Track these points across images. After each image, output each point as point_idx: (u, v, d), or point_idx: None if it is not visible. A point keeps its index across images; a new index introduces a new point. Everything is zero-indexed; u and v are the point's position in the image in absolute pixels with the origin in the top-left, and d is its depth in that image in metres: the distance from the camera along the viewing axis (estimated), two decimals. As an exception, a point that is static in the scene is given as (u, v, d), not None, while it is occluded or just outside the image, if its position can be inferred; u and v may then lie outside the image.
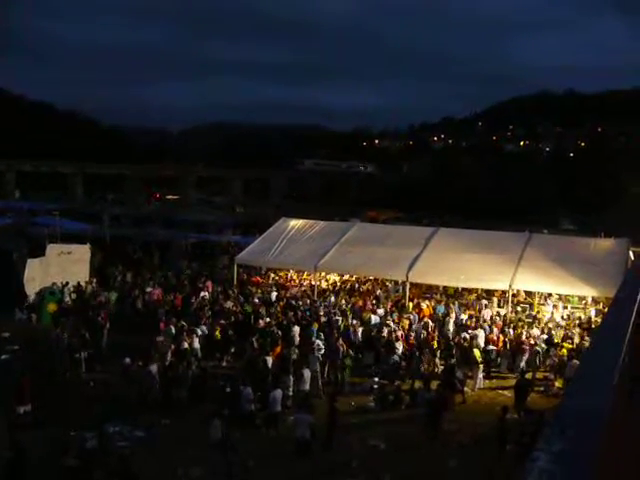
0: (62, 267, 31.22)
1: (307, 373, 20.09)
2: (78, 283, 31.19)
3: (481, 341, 24.30)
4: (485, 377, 22.92)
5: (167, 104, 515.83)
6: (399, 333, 24.34)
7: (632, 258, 26.89)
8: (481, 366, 22.52)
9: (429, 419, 17.76)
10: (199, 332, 23.97)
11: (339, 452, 16.60)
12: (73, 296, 30.08)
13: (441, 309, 28.97)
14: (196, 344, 23.11)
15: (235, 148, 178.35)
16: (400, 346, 23.30)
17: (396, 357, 22.76)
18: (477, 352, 22.87)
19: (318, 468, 15.66)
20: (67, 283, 30.46)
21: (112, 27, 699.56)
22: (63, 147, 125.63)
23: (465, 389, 21.19)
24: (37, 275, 30.14)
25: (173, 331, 24.18)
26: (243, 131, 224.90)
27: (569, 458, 2.16)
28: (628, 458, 4.12)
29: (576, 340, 24.13)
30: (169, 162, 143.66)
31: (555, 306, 30.16)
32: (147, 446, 16.45)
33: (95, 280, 32.98)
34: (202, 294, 30.66)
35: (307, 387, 19.94)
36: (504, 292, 29.06)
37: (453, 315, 27.75)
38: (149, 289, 31.39)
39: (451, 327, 26.41)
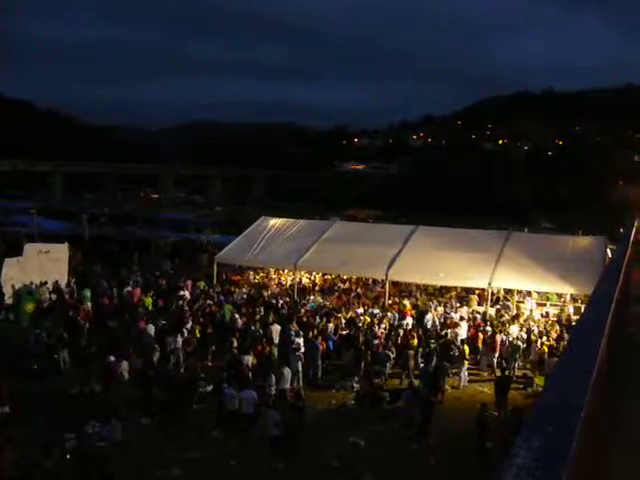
0: (40, 266, 30.95)
1: (287, 372, 20.06)
2: (57, 282, 30.95)
3: (461, 338, 24.42)
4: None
5: (147, 103, 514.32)
6: (379, 331, 24.38)
7: (610, 256, 27.09)
8: (466, 363, 22.63)
9: (421, 420, 17.76)
10: (179, 332, 23.81)
11: (318, 451, 16.57)
12: (52, 296, 29.84)
13: (422, 307, 29.04)
14: (178, 344, 23.00)
15: (215, 147, 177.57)
16: (383, 343, 23.34)
17: (378, 354, 22.80)
18: (466, 348, 22.99)
19: (298, 467, 15.63)
20: (46, 282, 30.22)
21: (91, 25, 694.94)
22: (41, 145, 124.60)
23: (446, 387, 21.23)
24: (15, 275, 29.88)
25: (153, 331, 24.08)
26: (223, 129, 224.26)
27: (548, 455, 2.15)
28: (606, 454, 4.14)
29: (554, 337, 24.31)
30: (149, 161, 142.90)
31: (534, 303, 30.40)
32: (126, 446, 16.35)
33: (74, 279, 32.75)
34: (182, 293, 30.55)
35: (287, 386, 19.90)
36: (483, 290, 29.21)
37: (433, 313, 27.86)
38: (129, 288, 31.22)
39: (430, 325, 26.49)
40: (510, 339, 23.98)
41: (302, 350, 22.07)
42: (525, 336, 24.61)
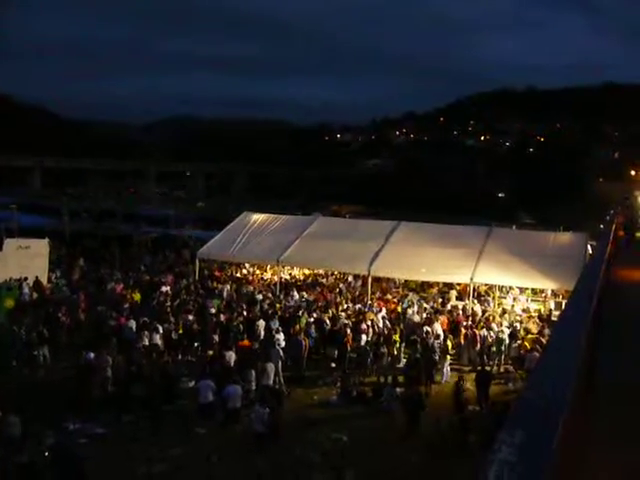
0: (20, 262, 30.64)
1: (270, 367, 20.03)
2: (37, 278, 30.69)
3: (441, 333, 24.48)
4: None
5: (129, 98, 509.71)
6: (363, 326, 24.39)
7: (590, 251, 27.28)
8: (448, 357, 22.69)
9: (408, 418, 17.78)
10: (160, 328, 23.67)
11: (301, 446, 16.56)
12: (32, 292, 29.59)
13: (406, 303, 29.08)
14: (158, 340, 22.91)
15: (197, 142, 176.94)
16: (364, 338, 23.36)
17: (361, 350, 22.82)
18: (449, 343, 23.06)
19: (280, 463, 15.61)
20: (26, 278, 29.95)
21: (75, 20, 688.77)
22: (21, 140, 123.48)
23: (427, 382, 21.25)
24: (-6, 270, 29.59)
25: (134, 326, 23.97)
26: (206, 125, 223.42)
27: (529, 449, 2.15)
28: (587, 448, 4.16)
29: (535, 332, 24.43)
30: (130, 156, 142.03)
31: (515, 299, 30.55)
32: (108, 443, 16.26)
33: (55, 276, 32.51)
34: (163, 289, 30.43)
35: (270, 381, 19.88)
36: (466, 286, 29.30)
37: (415, 308, 27.92)
38: (112, 284, 31.04)
39: (415, 320, 26.51)
40: (493, 334, 24.09)
41: (282, 345, 22.06)
42: (508, 331, 24.70)
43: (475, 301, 29.49)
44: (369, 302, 28.78)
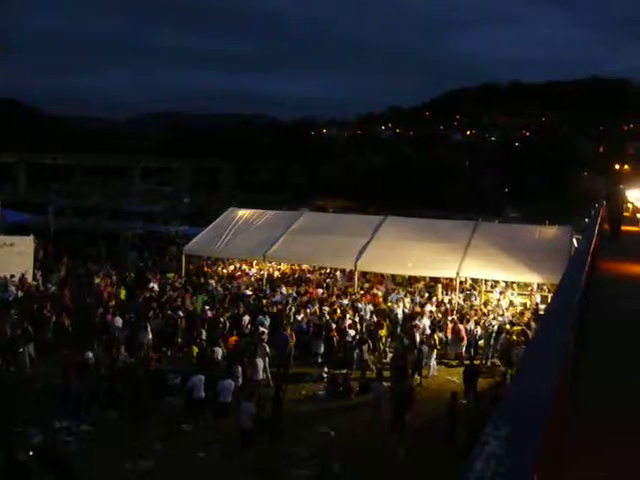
0: (4, 259, 30.40)
1: (260, 363, 20.05)
2: (22, 275, 30.48)
3: (427, 327, 24.54)
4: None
5: (113, 93, 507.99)
6: (348, 322, 24.42)
7: (576, 245, 27.42)
8: (435, 352, 22.76)
9: (396, 412, 17.82)
10: (147, 325, 23.57)
11: (288, 442, 16.58)
12: (17, 290, 29.37)
13: (394, 297, 29.13)
14: (148, 336, 22.82)
15: (183, 138, 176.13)
16: (352, 333, 23.38)
17: (347, 345, 22.84)
18: (436, 337, 23.13)
19: (267, 458, 15.62)
20: (12, 276, 29.73)
21: (56, 14, 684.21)
22: (4, 136, 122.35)
23: (416, 376, 21.28)
24: (-23, 268, 29.37)
25: (120, 323, 23.88)
26: (191, 120, 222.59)
27: (517, 443, 2.16)
28: (574, 441, 4.18)
29: (522, 326, 24.54)
30: (116, 152, 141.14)
31: (502, 293, 30.67)
32: (94, 441, 16.21)
33: (40, 273, 32.31)
34: (151, 285, 30.35)
35: (260, 377, 19.89)
36: (451, 280, 29.40)
37: (403, 303, 27.96)
38: (98, 281, 30.90)
39: (401, 315, 26.56)
40: (479, 328, 24.21)
41: (266, 340, 22.06)
42: (495, 325, 24.80)
43: (461, 295, 29.61)
44: (355, 296, 28.78)
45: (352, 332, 23.49)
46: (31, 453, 13.84)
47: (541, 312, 24.73)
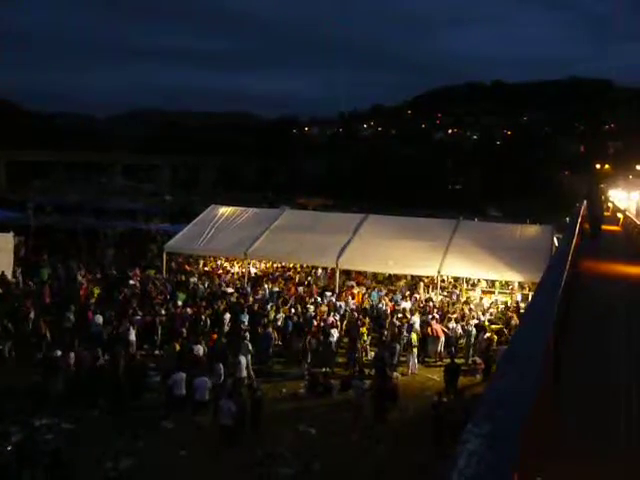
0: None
1: (243, 360, 20.02)
2: (3, 273, 30.19)
3: (416, 326, 24.54)
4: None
5: (94, 90, 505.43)
6: (330, 320, 24.41)
7: (557, 244, 27.58)
8: (415, 350, 22.76)
9: (375, 409, 17.81)
10: (127, 322, 23.42)
11: (269, 440, 16.54)
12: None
13: (375, 295, 29.15)
14: (132, 334, 22.67)
15: (164, 135, 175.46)
16: (335, 333, 23.34)
17: (330, 343, 22.81)
18: (414, 336, 23.13)
19: (247, 456, 15.57)
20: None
21: (36, 10, 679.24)
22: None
23: (395, 374, 21.29)
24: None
25: (101, 321, 23.72)
26: (172, 118, 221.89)
27: (497, 440, 2.14)
28: (554, 437, 4.17)
29: (502, 325, 24.66)
30: (96, 149, 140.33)
31: (483, 291, 30.78)
32: (75, 439, 16.08)
33: (20, 270, 32.03)
34: (131, 282, 30.18)
35: (244, 374, 19.85)
36: (433, 279, 29.46)
37: (384, 301, 27.98)
38: (79, 278, 30.67)
39: (383, 312, 26.56)
40: (460, 327, 24.27)
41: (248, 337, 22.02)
42: (475, 323, 24.86)
43: (443, 294, 29.69)
44: (341, 297, 28.74)
45: (333, 330, 23.47)
46: (9, 448, 13.74)
47: (522, 311, 24.86)
